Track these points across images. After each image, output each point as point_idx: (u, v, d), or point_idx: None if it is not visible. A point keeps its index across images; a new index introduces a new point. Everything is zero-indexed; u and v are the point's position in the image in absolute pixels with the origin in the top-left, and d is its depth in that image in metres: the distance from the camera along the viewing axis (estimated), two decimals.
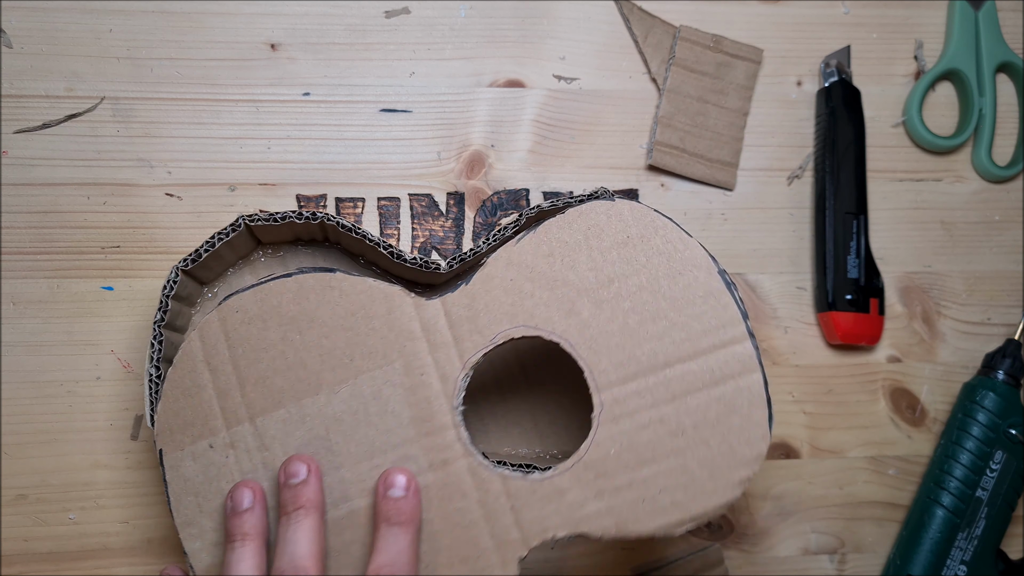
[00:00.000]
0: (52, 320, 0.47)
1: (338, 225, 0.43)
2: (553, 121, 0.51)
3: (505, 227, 0.45)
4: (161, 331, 0.42)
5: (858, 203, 0.52)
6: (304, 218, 0.43)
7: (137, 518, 0.47)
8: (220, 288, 0.46)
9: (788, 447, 0.52)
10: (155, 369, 0.41)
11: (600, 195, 0.45)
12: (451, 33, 0.51)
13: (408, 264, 0.44)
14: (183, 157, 0.48)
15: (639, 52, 0.52)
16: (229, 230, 0.43)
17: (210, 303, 0.46)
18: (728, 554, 0.51)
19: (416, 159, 0.50)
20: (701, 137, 0.52)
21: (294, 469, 0.38)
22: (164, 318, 0.42)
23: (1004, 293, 0.55)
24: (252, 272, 0.46)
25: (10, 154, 0.47)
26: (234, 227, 0.43)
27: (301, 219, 0.43)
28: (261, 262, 0.46)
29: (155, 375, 0.41)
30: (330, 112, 0.50)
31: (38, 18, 0.48)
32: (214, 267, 0.45)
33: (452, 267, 0.44)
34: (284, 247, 0.47)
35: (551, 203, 0.44)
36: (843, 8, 0.54)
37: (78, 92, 0.48)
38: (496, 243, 0.44)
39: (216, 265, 0.45)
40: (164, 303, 0.42)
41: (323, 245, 0.47)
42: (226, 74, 0.49)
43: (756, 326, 0.52)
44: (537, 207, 0.45)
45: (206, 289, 0.46)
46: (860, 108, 0.53)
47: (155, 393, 0.41)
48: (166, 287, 0.42)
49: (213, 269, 0.45)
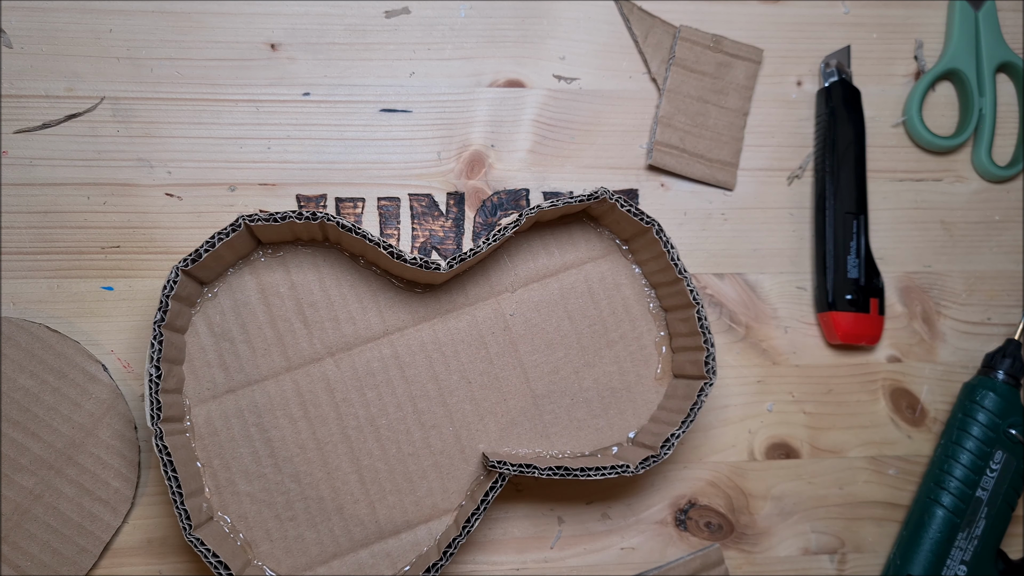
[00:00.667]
0: (52, 320, 0.47)
1: (338, 225, 0.43)
2: (553, 121, 0.51)
3: (505, 227, 0.45)
4: (161, 331, 0.42)
5: (858, 203, 0.52)
6: (304, 218, 0.43)
7: (137, 518, 0.47)
8: (220, 288, 0.46)
9: (788, 447, 0.52)
10: (155, 369, 0.41)
11: (600, 195, 0.46)
12: (451, 33, 0.51)
13: (408, 264, 0.44)
14: (183, 157, 0.48)
15: (639, 52, 0.52)
16: (229, 230, 0.43)
17: (210, 303, 0.46)
18: (728, 554, 0.51)
19: (416, 159, 0.50)
20: (701, 137, 0.52)
21: None
22: (164, 318, 0.42)
23: (1004, 293, 0.55)
24: (252, 272, 0.46)
25: (10, 154, 0.47)
26: (234, 227, 0.43)
27: (301, 219, 0.43)
28: (261, 262, 0.46)
29: (155, 375, 0.41)
30: (330, 112, 0.50)
31: (38, 18, 0.48)
32: (214, 267, 0.45)
33: (452, 267, 0.44)
34: (284, 247, 0.47)
35: (551, 203, 0.45)
36: (843, 8, 0.54)
37: (78, 92, 0.48)
38: (496, 243, 0.45)
39: (216, 265, 0.45)
40: (164, 303, 0.42)
41: (323, 245, 0.47)
42: (226, 74, 0.49)
43: (756, 326, 0.52)
44: (537, 207, 0.45)
45: (206, 289, 0.46)
46: (860, 108, 0.53)
47: (155, 393, 0.41)
48: (166, 287, 0.42)
49: (213, 269, 0.45)
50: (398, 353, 0.47)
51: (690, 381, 0.48)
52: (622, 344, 0.50)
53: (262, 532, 0.46)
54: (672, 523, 0.51)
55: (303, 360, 0.47)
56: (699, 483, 0.51)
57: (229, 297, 0.46)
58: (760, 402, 0.52)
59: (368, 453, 0.47)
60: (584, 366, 0.49)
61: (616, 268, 0.50)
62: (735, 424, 0.52)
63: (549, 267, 0.49)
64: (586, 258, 0.50)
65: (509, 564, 0.50)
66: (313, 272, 0.47)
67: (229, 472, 0.46)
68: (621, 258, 0.50)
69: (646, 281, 0.50)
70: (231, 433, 0.46)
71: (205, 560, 0.41)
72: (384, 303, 0.47)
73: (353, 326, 0.47)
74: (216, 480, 0.46)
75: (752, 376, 0.52)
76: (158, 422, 0.42)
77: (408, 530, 0.47)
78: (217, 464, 0.46)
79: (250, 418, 0.46)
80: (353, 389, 0.47)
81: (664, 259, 0.47)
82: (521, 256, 0.49)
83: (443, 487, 0.47)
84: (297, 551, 0.46)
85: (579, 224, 0.50)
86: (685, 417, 0.46)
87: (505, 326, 0.48)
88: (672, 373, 0.50)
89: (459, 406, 0.48)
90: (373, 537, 0.46)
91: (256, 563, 0.45)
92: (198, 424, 0.46)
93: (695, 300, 0.46)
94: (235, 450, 0.46)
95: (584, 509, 0.50)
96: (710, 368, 0.46)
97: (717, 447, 0.52)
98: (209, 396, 0.46)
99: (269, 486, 0.46)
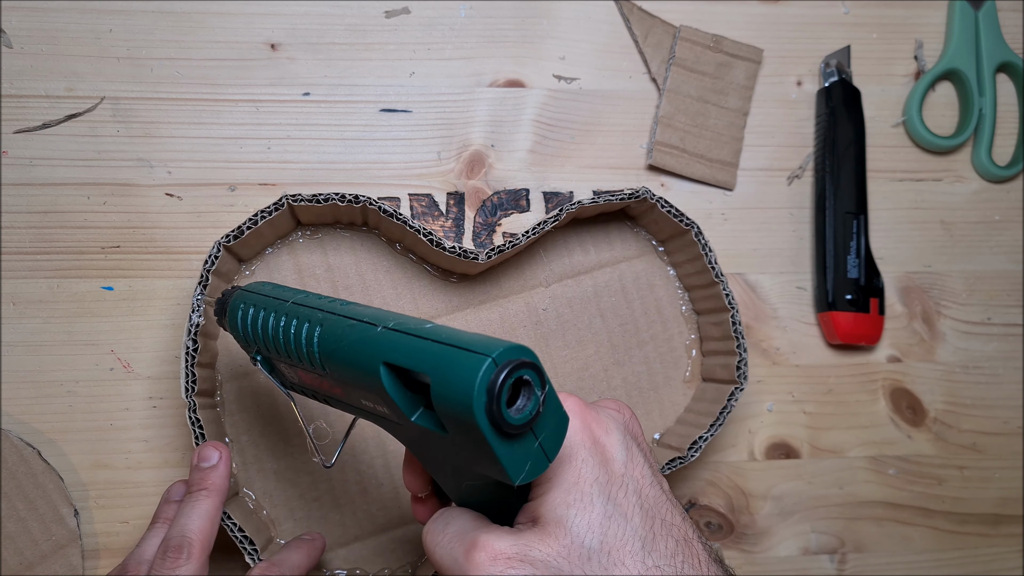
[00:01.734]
0: (52, 320, 0.47)
1: (380, 210, 0.44)
2: (553, 121, 0.51)
3: (545, 221, 0.45)
4: (201, 304, 0.42)
5: (858, 203, 0.52)
6: (347, 200, 0.43)
7: (137, 518, 0.47)
8: (258, 266, 0.46)
9: (788, 447, 0.52)
10: (192, 342, 0.42)
11: (641, 195, 0.46)
12: (451, 33, 0.51)
13: (447, 252, 0.44)
14: (183, 157, 0.48)
15: (639, 52, 0.52)
16: (272, 208, 0.43)
17: (247, 280, 0.46)
18: (728, 554, 0.51)
19: (416, 159, 0.50)
20: (701, 137, 0.52)
21: (206, 454, 0.41)
22: (204, 292, 0.42)
23: (1004, 293, 0.55)
24: (290, 253, 0.47)
25: (10, 154, 0.47)
26: (277, 205, 0.43)
27: (344, 201, 0.43)
28: (299, 243, 0.47)
29: (191, 348, 0.42)
30: (330, 112, 0.50)
31: (38, 18, 0.48)
32: (254, 245, 0.45)
33: (490, 257, 0.45)
34: (323, 229, 0.47)
35: (592, 199, 0.45)
36: (843, 8, 0.54)
37: (78, 92, 0.48)
38: (534, 237, 0.45)
39: (256, 243, 0.45)
40: (204, 277, 0.42)
41: (361, 230, 0.47)
42: (226, 74, 0.49)
43: (756, 326, 0.52)
44: (578, 202, 0.45)
45: (244, 267, 0.46)
46: (860, 108, 0.53)
47: (191, 366, 0.42)
48: (207, 261, 0.42)
49: (253, 247, 0.45)
50: None
51: (719, 385, 0.48)
52: (652, 345, 0.50)
53: (286, 510, 0.46)
54: None
55: None
56: (699, 483, 0.51)
57: (266, 276, 0.47)
58: (760, 402, 0.52)
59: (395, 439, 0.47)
60: (613, 364, 0.49)
61: (651, 269, 0.50)
62: (735, 424, 0.52)
63: (584, 264, 0.49)
64: (621, 257, 0.50)
65: None
66: (350, 255, 0.47)
67: (257, 449, 0.46)
68: (656, 259, 0.50)
69: (680, 283, 0.50)
70: (261, 410, 0.46)
71: (231, 534, 0.41)
72: (418, 290, 0.48)
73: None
74: (244, 456, 0.46)
75: (752, 376, 0.52)
76: (192, 394, 0.42)
77: None
78: (245, 440, 0.46)
79: (281, 397, 0.46)
80: None
81: (701, 261, 0.47)
82: (557, 252, 0.49)
83: None
84: (320, 531, 0.46)
85: (616, 223, 0.50)
86: (714, 421, 0.46)
87: (537, 320, 0.49)
88: (701, 376, 0.50)
89: None
90: (395, 522, 0.47)
91: (278, 541, 0.46)
92: (228, 400, 0.46)
93: (730, 304, 0.46)
94: (265, 427, 0.46)
95: None
96: (742, 373, 0.46)
97: (717, 447, 0.52)
98: (241, 372, 0.46)
99: (296, 465, 0.46)
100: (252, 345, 0.38)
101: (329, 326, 0.32)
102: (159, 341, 0.48)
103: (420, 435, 0.31)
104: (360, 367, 0.30)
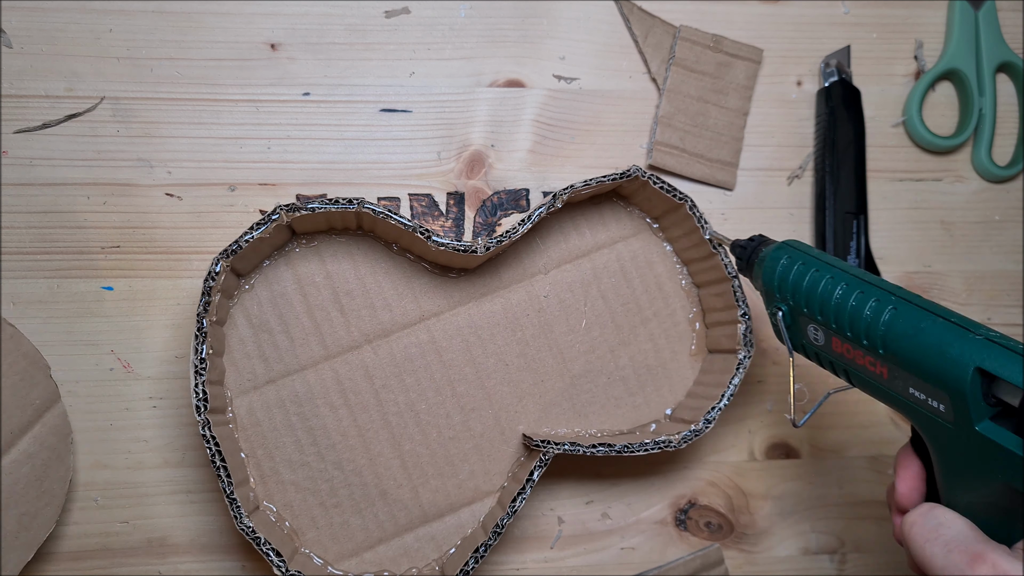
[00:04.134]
0: (52, 320, 0.47)
1: (373, 212, 0.44)
2: (553, 121, 0.51)
3: (540, 208, 0.45)
4: (204, 322, 0.42)
5: (858, 203, 0.52)
6: (340, 205, 0.43)
7: (137, 518, 0.47)
8: (256, 280, 0.46)
9: (788, 447, 0.52)
10: (200, 361, 0.42)
11: (632, 173, 0.46)
12: (451, 33, 0.51)
13: (444, 247, 0.44)
14: (183, 157, 0.48)
15: (639, 52, 0.52)
16: (267, 220, 0.43)
17: (247, 295, 0.46)
18: (728, 554, 0.51)
19: (416, 159, 0.50)
20: (701, 137, 0.52)
21: None
22: (207, 309, 0.42)
23: (1004, 293, 0.55)
24: (287, 263, 0.47)
25: (10, 154, 0.47)
26: (272, 216, 0.43)
27: (337, 206, 0.43)
28: (296, 253, 0.47)
29: (200, 366, 0.42)
30: (330, 112, 0.50)
31: (38, 18, 0.48)
32: (251, 258, 0.45)
33: (488, 249, 0.45)
34: (318, 237, 0.47)
35: (584, 182, 0.45)
36: (843, 8, 0.54)
37: (78, 92, 0.48)
38: (530, 225, 0.45)
39: (253, 256, 0.45)
40: (206, 294, 0.42)
41: (356, 234, 0.47)
42: (226, 74, 0.49)
43: (756, 326, 0.52)
44: (571, 187, 0.46)
45: (243, 281, 0.46)
46: (860, 108, 0.53)
47: (201, 385, 0.42)
48: (208, 278, 0.42)
49: (250, 260, 0.45)
50: (435, 338, 0.48)
51: (726, 355, 0.48)
52: (656, 321, 0.50)
53: (308, 520, 0.46)
54: (672, 523, 0.51)
55: (341, 348, 0.47)
56: (699, 483, 0.51)
57: (266, 288, 0.46)
58: (760, 402, 0.52)
59: (409, 438, 0.47)
60: (619, 344, 0.49)
61: (648, 246, 0.50)
62: (735, 424, 0.52)
63: (581, 247, 0.50)
64: (617, 237, 0.50)
65: (509, 564, 0.50)
66: (348, 261, 0.47)
67: (273, 461, 0.46)
68: (652, 236, 0.50)
69: (677, 258, 0.50)
70: (273, 423, 0.46)
71: (258, 548, 0.41)
72: (419, 289, 0.48)
73: (389, 313, 0.47)
74: (260, 470, 0.46)
75: (752, 376, 0.52)
76: (205, 412, 0.42)
77: (452, 513, 0.47)
78: (261, 454, 0.46)
79: (291, 408, 0.46)
80: (392, 375, 0.47)
81: (697, 235, 0.47)
82: (553, 238, 0.49)
83: (485, 469, 0.47)
84: (343, 537, 0.46)
85: (609, 204, 0.50)
86: (724, 390, 0.46)
87: (539, 307, 0.49)
88: (707, 348, 0.50)
89: (497, 388, 0.48)
90: (417, 521, 0.47)
91: (303, 551, 0.46)
92: (240, 415, 0.46)
93: (730, 274, 0.47)
94: (278, 439, 0.46)
95: (584, 509, 0.50)
96: (748, 340, 0.47)
97: (717, 447, 0.52)
98: (250, 387, 0.46)
99: (313, 474, 0.46)
100: (782, 298, 0.39)
101: (904, 311, 0.33)
102: (159, 341, 0.48)
103: (964, 442, 0.31)
104: (941, 364, 0.31)
